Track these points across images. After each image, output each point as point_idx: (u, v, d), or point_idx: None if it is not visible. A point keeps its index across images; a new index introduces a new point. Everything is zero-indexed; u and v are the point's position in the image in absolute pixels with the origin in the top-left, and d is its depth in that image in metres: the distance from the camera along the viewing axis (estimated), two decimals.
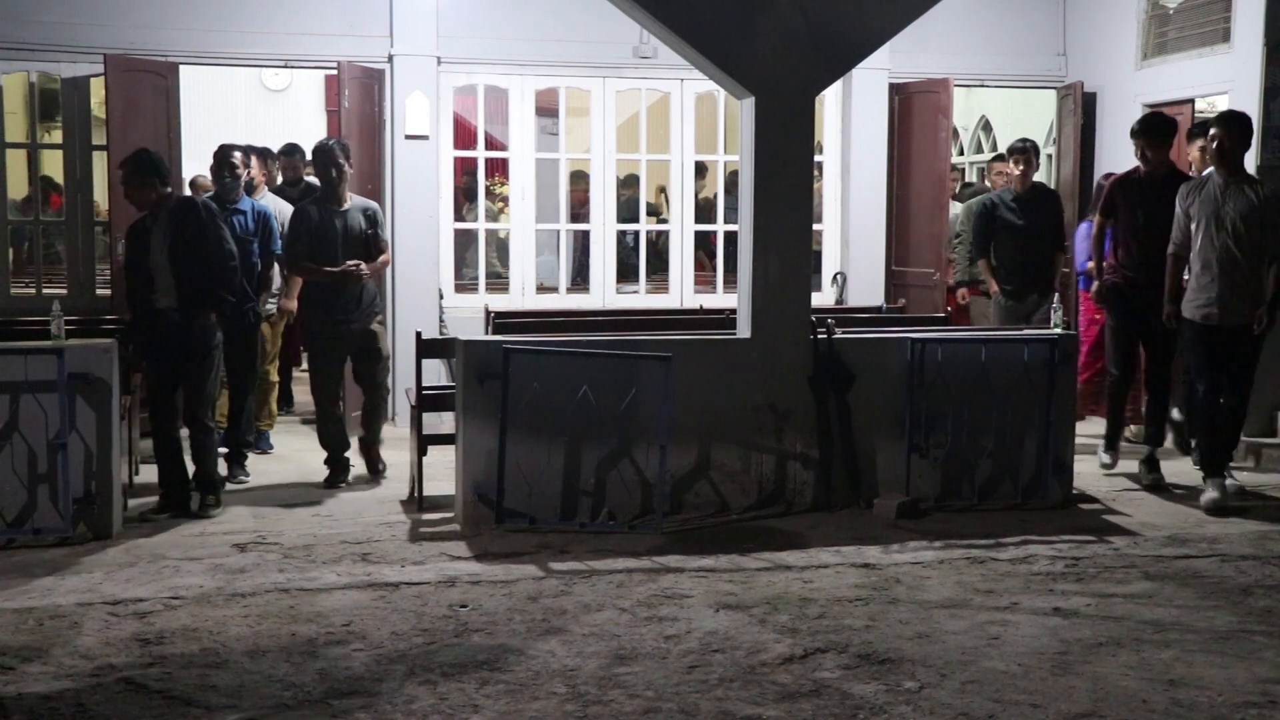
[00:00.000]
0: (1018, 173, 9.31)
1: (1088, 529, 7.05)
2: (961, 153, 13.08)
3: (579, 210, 11.24)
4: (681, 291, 10.98)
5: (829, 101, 10.93)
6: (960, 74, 11.02)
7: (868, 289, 10.97)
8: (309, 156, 9.15)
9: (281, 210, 8.92)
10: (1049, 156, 11.80)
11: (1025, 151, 9.32)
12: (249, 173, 8.82)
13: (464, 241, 11.20)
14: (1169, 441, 8.59)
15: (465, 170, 11.43)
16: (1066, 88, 11.13)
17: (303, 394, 9.90)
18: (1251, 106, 9.30)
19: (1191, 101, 10.12)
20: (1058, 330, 7.86)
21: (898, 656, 5.07)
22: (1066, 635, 5.33)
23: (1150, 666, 4.98)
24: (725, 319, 8.76)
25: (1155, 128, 8.10)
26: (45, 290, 9.92)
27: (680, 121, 10.87)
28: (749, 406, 7.23)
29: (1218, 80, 9.78)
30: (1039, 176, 10.00)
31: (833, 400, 7.33)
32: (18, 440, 6.57)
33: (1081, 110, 10.87)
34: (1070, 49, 11.35)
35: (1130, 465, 8.24)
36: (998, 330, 8.78)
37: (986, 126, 13.10)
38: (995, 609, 5.62)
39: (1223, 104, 10.13)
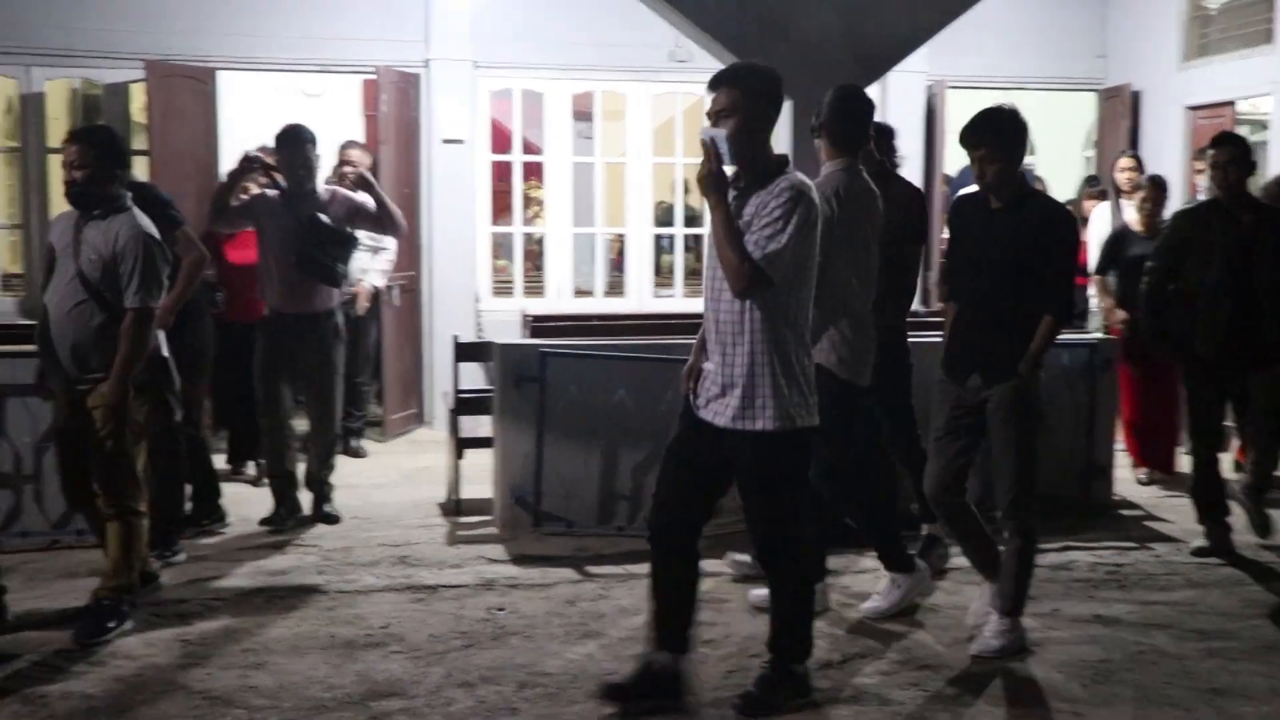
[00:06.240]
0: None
1: (1129, 535, 6.99)
2: None
3: None
4: None
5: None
6: (998, 77, 10.97)
7: None
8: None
9: None
10: (1087, 159, 11.73)
11: None
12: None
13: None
14: None
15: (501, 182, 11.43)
16: (1111, 90, 11.05)
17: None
18: None
19: (1233, 103, 10.04)
20: (1097, 334, 7.80)
21: (936, 663, 5.05)
22: (1108, 643, 5.29)
23: (1194, 676, 4.93)
24: None
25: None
26: None
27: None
28: None
29: (1261, 81, 9.69)
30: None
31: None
32: None
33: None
34: (1111, 51, 11.28)
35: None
36: None
37: None
38: (1035, 616, 5.57)
39: (1266, 106, 10.04)
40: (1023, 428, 5.09)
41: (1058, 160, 11.96)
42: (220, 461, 7.93)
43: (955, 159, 11.51)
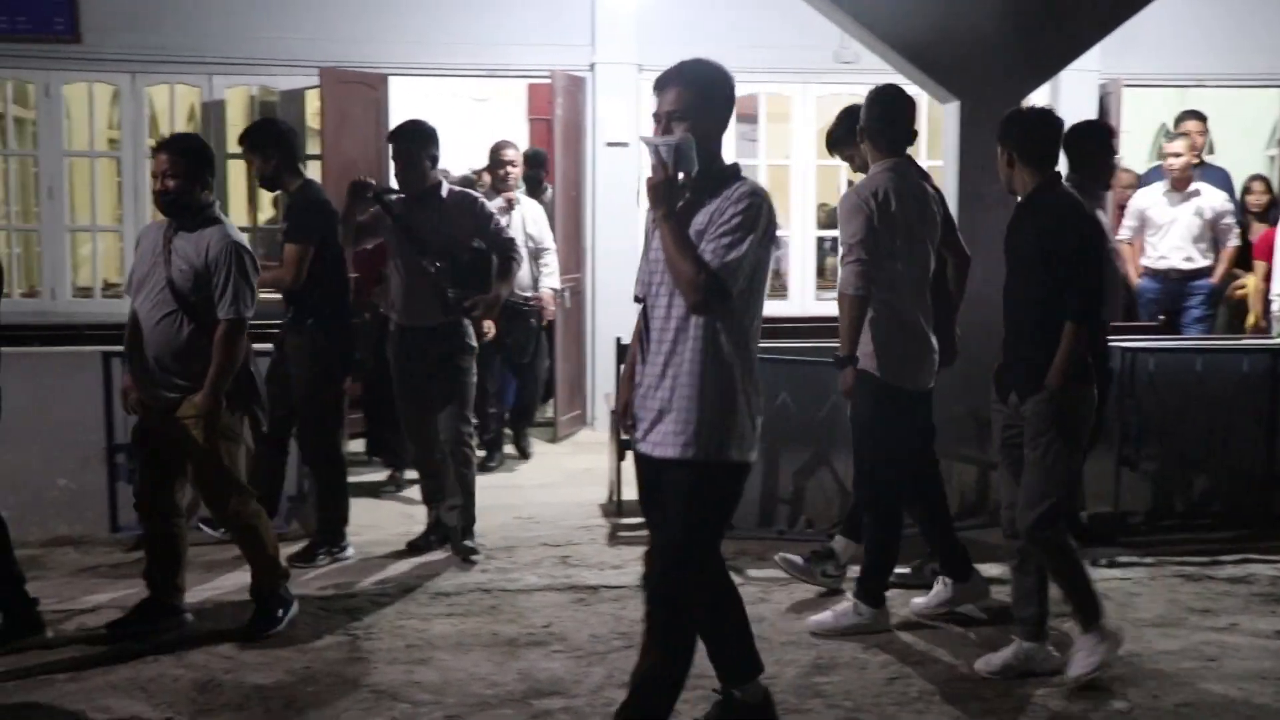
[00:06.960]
0: None
1: None
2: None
3: None
4: None
5: (1036, 104, 10.64)
6: (1175, 74, 10.62)
7: None
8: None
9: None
10: (1270, 159, 11.31)
11: None
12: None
13: None
14: None
15: None
16: None
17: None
18: None
19: None
20: None
21: (1107, 675, 4.90)
22: None
23: None
24: None
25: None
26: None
27: None
28: (949, 415, 7.05)
29: None
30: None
31: None
32: None
33: None
34: None
35: None
36: (1213, 339, 8.44)
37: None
38: (1212, 629, 5.39)
39: None
40: (1051, 443, 4.75)
41: (1239, 160, 11.50)
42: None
43: (1134, 158, 11.22)
